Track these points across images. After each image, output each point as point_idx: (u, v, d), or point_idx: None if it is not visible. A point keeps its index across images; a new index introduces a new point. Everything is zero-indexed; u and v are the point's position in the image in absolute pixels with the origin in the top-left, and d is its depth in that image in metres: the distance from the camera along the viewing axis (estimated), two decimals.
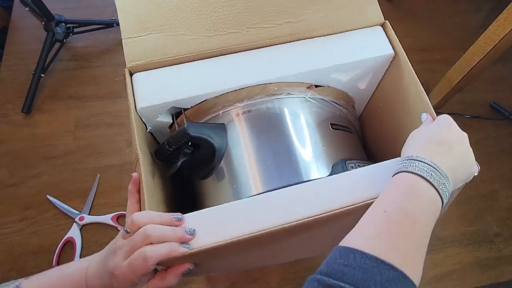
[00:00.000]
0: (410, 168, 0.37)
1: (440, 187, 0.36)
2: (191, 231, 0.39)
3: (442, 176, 0.37)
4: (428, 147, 0.39)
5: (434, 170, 0.36)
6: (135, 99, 0.47)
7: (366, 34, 0.53)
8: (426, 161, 0.37)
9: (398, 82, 0.53)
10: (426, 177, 0.36)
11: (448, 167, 0.38)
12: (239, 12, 0.50)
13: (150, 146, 0.50)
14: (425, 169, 0.36)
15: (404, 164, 0.38)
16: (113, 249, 0.39)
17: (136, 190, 0.43)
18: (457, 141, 0.40)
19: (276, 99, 0.52)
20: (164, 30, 0.49)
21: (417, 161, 0.37)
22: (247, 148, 0.49)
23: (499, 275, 0.73)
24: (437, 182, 0.36)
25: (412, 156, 0.38)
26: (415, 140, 0.42)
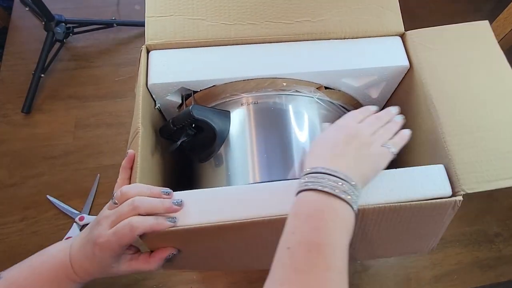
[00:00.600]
0: (307, 184, 0.35)
1: (343, 195, 0.34)
2: (179, 202, 0.40)
3: (343, 181, 0.34)
4: (323, 153, 0.38)
5: (332, 177, 0.34)
6: (148, 75, 0.49)
7: (384, 43, 0.53)
8: (322, 170, 0.35)
9: (410, 96, 0.53)
10: (324, 189, 0.34)
11: (348, 166, 0.36)
12: (260, 5, 0.52)
13: (154, 122, 0.51)
14: (322, 180, 0.34)
15: (301, 180, 0.36)
16: (98, 219, 0.40)
17: (129, 167, 0.44)
18: (351, 135, 0.39)
19: (284, 94, 0.52)
20: (186, 13, 0.51)
21: (312, 174, 0.35)
22: (247, 138, 0.50)
23: (499, 275, 0.74)
24: (338, 189, 0.34)
25: (308, 168, 0.36)
26: (310, 150, 0.41)
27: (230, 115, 0.52)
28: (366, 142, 0.40)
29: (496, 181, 0.43)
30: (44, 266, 0.41)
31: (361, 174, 0.37)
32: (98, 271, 0.41)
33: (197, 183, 0.55)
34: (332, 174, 0.35)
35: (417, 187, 0.42)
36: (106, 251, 0.38)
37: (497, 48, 0.51)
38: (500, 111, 0.47)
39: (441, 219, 0.44)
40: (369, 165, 0.39)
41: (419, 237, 0.46)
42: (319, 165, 0.36)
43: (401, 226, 0.43)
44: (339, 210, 0.34)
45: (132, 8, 1.03)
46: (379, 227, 0.43)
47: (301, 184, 0.36)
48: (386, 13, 0.54)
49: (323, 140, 0.41)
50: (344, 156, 0.38)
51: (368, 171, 0.39)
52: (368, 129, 0.41)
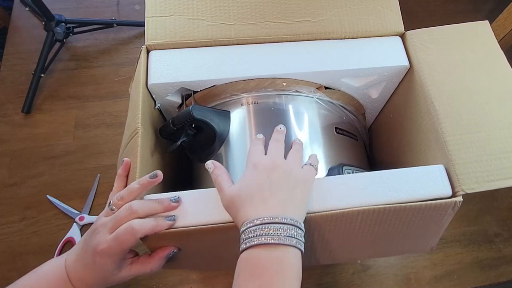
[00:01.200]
0: (245, 243, 0.34)
1: (285, 240, 0.33)
2: (176, 199, 0.40)
3: (283, 224, 0.34)
4: (252, 202, 0.36)
5: (270, 225, 0.34)
6: (148, 75, 0.49)
7: (384, 43, 0.53)
8: (257, 222, 0.34)
9: (410, 96, 0.53)
10: (264, 242, 0.33)
11: (282, 205, 0.35)
12: (260, 5, 0.52)
13: (154, 122, 0.51)
14: (260, 232, 0.33)
15: (242, 239, 0.35)
16: (94, 228, 0.39)
17: (125, 175, 0.43)
18: (269, 168, 0.38)
19: (284, 94, 0.52)
20: (186, 13, 0.51)
21: (249, 228, 0.34)
22: (247, 138, 0.50)
23: (499, 275, 0.74)
24: (278, 237, 0.33)
25: (243, 225, 0.35)
26: (238, 203, 0.38)
27: (230, 115, 0.52)
28: (286, 168, 0.39)
29: (496, 181, 0.43)
30: (40, 284, 0.39)
31: (297, 205, 0.36)
32: (98, 281, 0.39)
33: (197, 183, 0.55)
34: (268, 222, 0.34)
35: (417, 187, 0.42)
36: (107, 258, 0.37)
37: (497, 48, 0.51)
38: (500, 111, 0.47)
39: (441, 219, 0.44)
40: (300, 189, 0.38)
41: (419, 237, 0.47)
42: (253, 217, 0.35)
43: (401, 227, 0.44)
44: (284, 257, 0.33)
45: (132, 8, 1.03)
46: (379, 228, 0.43)
47: (241, 244, 0.35)
48: (386, 13, 0.54)
49: (245, 187, 0.38)
50: (274, 195, 0.36)
51: (302, 197, 0.38)
52: (279, 156, 0.41)
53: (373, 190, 0.42)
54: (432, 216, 0.43)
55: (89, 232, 0.40)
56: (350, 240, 0.45)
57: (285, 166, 0.39)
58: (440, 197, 0.42)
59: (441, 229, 0.45)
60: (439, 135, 0.46)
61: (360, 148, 0.60)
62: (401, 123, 0.57)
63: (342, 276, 0.71)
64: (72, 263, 0.40)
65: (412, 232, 0.45)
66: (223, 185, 0.40)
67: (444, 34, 0.52)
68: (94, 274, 0.39)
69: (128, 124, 0.48)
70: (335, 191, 0.42)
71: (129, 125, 0.48)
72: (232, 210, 0.38)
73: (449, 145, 0.45)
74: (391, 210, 0.41)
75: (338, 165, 0.50)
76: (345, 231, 0.43)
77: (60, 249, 0.72)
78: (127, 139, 0.47)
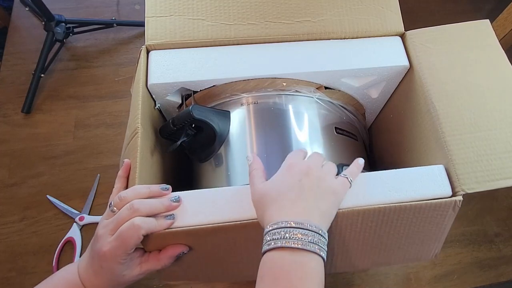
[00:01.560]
0: (269, 244, 0.34)
1: (309, 247, 0.33)
2: (176, 199, 0.40)
3: (307, 231, 0.34)
4: (280, 203, 0.36)
5: (294, 229, 0.33)
6: (148, 75, 0.49)
7: (384, 43, 0.53)
8: (283, 225, 0.34)
9: (410, 96, 0.53)
10: (288, 245, 0.33)
11: (309, 211, 0.35)
12: (260, 5, 0.52)
13: (154, 122, 0.51)
14: (285, 235, 0.33)
15: (266, 239, 0.35)
16: (97, 231, 0.39)
17: (125, 176, 0.43)
18: (303, 172, 0.38)
19: (283, 94, 0.52)
20: (186, 13, 0.51)
21: (274, 230, 0.34)
22: (247, 138, 0.50)
23: (499, 275, 0.74)
24: (302, 242, 0.33)
25: (268, 225, 0.35)
26: (267, 201, 0.37)
27: (230, 115, 0.52)
28: (320, 175, 0.39)
29: (496, 181, 0.43)
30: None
31: (323, 214, 0.36)
32: (111, 284, 0.39)
33: (197, 183, 0.55)
34: (294, 227, 0.34)
35: (417, 187, 0.42)
36: (112, 260, 0.37)
37: (498, 47, 0.51)
38: (500, 110, 0.47)
39: (442, 221, 0.44)
40: (329, 199, 0.38)
41: (421, 242, 0.46)
42: (279, 219, 0.35)
43: (403, 229, 0.43)
44: (307, 264, 0.33)
45: (132, 8, 1.03)
46: (380, 231, 0.43)
47: (264, 244, 0.35)
48: (386, 13, 0.54)
49: (276, 187, 0.38)
50: (303, 200, 0.36)
51: (329, 207, 0.37)
52: (316, 163, 0.40)
53: (373, 190, 0.42)
54: (433, 217, 0.43)
55: (93, 238, 0.39)
56: (352, 245, 0.44)
57: (319, 173, 0.39)
58: (440, 197, 0.42)
59: (443, 233, 0.45)
60: (439, 135, 0.46)
61: (360, 148, 0.60)
62: (401, 123, 0.57)
63: (342, 276, 0.71)
64: (84, 270, 0.40)
65: (414, 235, 0.45)
66: (256, 180, 0.40)
67: (444, 33, 0.52)
68: (104, 278, 0.38)
69: (129, 124, 0.48)
70: None
71: (129, 125, 0.48)
72: (259, 207, 0.38)
73: (449, 145, 0.45)
74: (391, 210, 0.41)
75: (338, 165, 0.50)
76: (346, 234, 0.43)
77: (60, 249, 0.72)
78: (128, 139, 0.47)
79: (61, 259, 0.72)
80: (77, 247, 0.72)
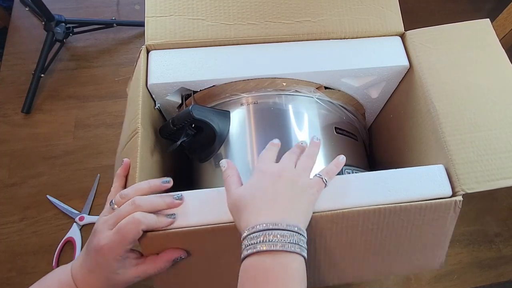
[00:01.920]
0: (247, 249, 0.33)
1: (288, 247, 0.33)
2: (179, 196, 0.40)
3: (285, 231, 0.33)
4: (255, 207, 0.36)
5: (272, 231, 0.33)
6: (148, 75, 0.49)
7: (383, 43, 0.53)
8: (260, 228, 0.33)
9: (410, 96, 0.53)
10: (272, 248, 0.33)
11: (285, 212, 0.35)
12: (260, 5, 0.52)
13: (154, 122, 0.51)
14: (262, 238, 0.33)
15: (244, 245, 0.34)
16: (95, 228, 0.38)
17: (124, 175, 0.43)
18: (276, 175, 0.38)
19: (283, 94, 0.52)
20: (186, 13, 0.51)
21: (251, 235, 0.34)
22: (247, 138, 0.50)
23: (499, 275, 0.73)
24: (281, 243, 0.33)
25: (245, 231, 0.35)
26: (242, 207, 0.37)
27: (230, 115, 0.52)
28: (293, 176, 0.38)
29: (496, 181, 0.43)
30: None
31: (300, 212, 0.36)
32: (105, 283, 0.38)
33: (197, 183, 0.55)
34: (272, 228, 0.33)
35: (417, 187, 0.42)
36: (109, 254, 0.36)
37: (498, 46, 0.51)
38: (501, 110, 0.47)
39: (444, 224, 0.43)
40: (303, 199, 0.38)
41: (424, 248, 0.46)
42: (256, 222, 0.34)
43: (404, 232, 0.43)
44: (290, 265, 0.33)
45: (132, 8, 1.03)
46: (381, 234, 0.43)
47: (243, 250, 0.34)
48: (386, 13, 0.54)
49: (250, 191, 0.38)
50: (278, 202, 0.36)
51: (305, 207, 0.37)
52: (288, 163, 0.40)
53: (373, 190, 0.42)
54: (434, 220, 0.43)
55: (91, 235, 0.39)
56: (354, 250, 0.44)
57: (292, 174, 0.39)
58: (440, 197, 0.42)
59: (446, 238, 0.45)
60: (439, 135, 0.46)
61: (360, 148, 0.60)
62: (401, 123, 0.57)
63: None
64: (77, 269, 0.39)
65: (417, 240, 0.44)
66: (231, 186, 0.39)
67: (444, 33, 0.52)
68: (99, 276, 0.38)
69: (127, 124, 0.48)
70: (335, 191, 0.42)
71: (128, 125, 0.48)
72: (235, 213, 0.38)
73: (449, 145, 0.45)
74: (392, 210, 0.41)
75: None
76: (347, 237, 0.42)
77: (60, 249, 0.72)
78: (126, 139, 0.46)
79: (61, 259, 0.72)
80: (77, 247, 0.72)
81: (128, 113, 0.49)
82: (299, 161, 0.41)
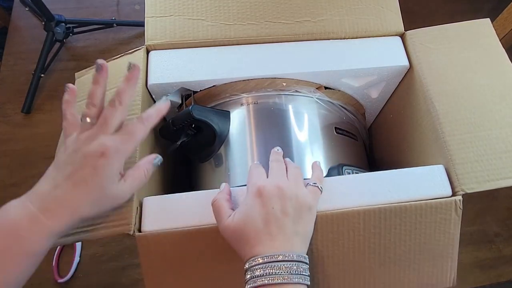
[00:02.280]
0: (258, 281, 0.32)
1: (294, 278, 0.32)
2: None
3: (290, 262, 0.33)
4: (259, 240, 0.34)
5: (276, 263, 0.32)
6: (148, 75, 0.49)
7: (384, 43, 0.53)
8: (263, 260, 0.33)
9: (410, 96, 0.53)
10: (277, 281, 0.32)
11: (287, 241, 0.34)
12: (260, 5, 0.52)
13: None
14: (271, 272, 0.32)
15: (247, 277, 0.33)
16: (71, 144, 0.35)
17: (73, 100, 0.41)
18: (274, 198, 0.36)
19: (283, 95, 0.52)
20: (186, 14, 0.51)
21: (257, 266, 0.33)
22: (247, 138, 0.50)
23: (499, 275, 0.73)
24: (289, 276, 0.32)
25: (247, 263, 0.34)
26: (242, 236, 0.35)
27: (230, 115, 0.52)
28: (290, 195, 0.37)
29: (496, 181, 0.43)
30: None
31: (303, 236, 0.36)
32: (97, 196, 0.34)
33: (197, 183, 0.55)
34: (277, 261, 0.33)
35: (417, 187, 0.42)
36: (115, 156, 0.34)
37: (498, 46, 0.51)
38: (500, 109, 0.47)
39: (448, 228, 0.43)
40: (305, 218, 0.37)
41: (432, 258, 0.44)
42: (260, 254, 0.33)
43: (408, 237, 0.42)
44: None
45: (132, 8, 1.03)
46: (384, 239, 0.42)
47: (247, 283, 0.33)
48: (386, 13, 0.54)
49: (249, 222, 0.35)
50: (280, 229, 0.35)
51: (307, 226, 0.37)
52: (281, 178, 0.38)
53: (373, 190, 0.42)
54: (437, 222, 0.42)
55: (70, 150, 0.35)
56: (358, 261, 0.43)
57: (290, 191, 0.37)
58: (440, 197, 0.42)
59: (453, 246, 0.43)
60: (439, 135, 0.46)
61: (360, 148, 0.60)
62: (401, 123, 0.57)
63: None
64: (48, 191, 0.33)
65: (423, 247, 0.43)
66: (222, 215, 0.37)
67: (444, 33, 0.52)
68: (91, 188, 0.33)
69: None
70: (335, 191, 0.42)
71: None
72: (234, 244, 0.36)
73: (449, 145, 0.45)
74: (392, 210, 0.41)
75: (338, 165, 0.50)
76: (349, 240, 0.42)
77: (60, 249, 0.72)
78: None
79: (61, 259, 0.72)
80: (77, 247, 0.72)
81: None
82: (288, 172, 0.40)
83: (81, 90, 0.49)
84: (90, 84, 0.38)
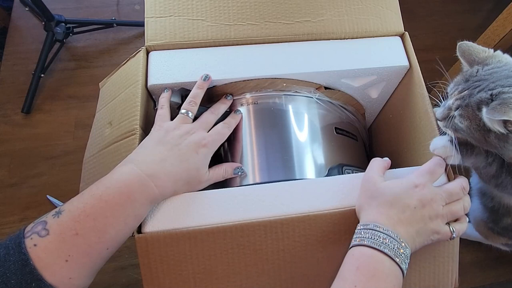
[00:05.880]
0: (370, 241, 0.35)
1: (402, 263, 0.34)
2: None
3: (404, 247, 0.35)
4: (391, 213, 0.37)
5: (396, 242, 0.35)
6: (147, 76, 0.49)
7: (383, 43, 0.53)
8: (388, 233, 0.35)
9: (409, 96, 0.53)
10: (389, 253, 0.34)
11: (408, 235, 0.36)
12: (260, 5, 0.52)
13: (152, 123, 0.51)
14: (387, 243, 0.34)
15: (364, 234, 0.36)
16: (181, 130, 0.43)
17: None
18: (424, 202, 0.38)
19: (283, 95, 0.52)
20: (186, 14, 0.51)
21: (378, 232, 0.35)
22: (247, 138, 0.50)
23: (499, 275, 0.74)
24: (399, 257, 0.34)
25: (371, 223, 0.36)
26: (376, 200, 0.38)
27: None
28: (432, 215, 0.38)
29: None
30: (110, 192, 0.36)
31: (414, 245, 0.37)
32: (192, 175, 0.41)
33: None
34: (399, 241, 0.35)
35: None
36: (210, 148, 0.43)
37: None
38: None
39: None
40: (425, 239, 0.38)
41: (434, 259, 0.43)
42: (383, 224, 0.36)
43: None
44: (398, 277, 0.35)
45: (132, 8, 1.03)
46: None
47: (360, 237, 0.36)
48: (386, 13, 0.54)
49: (394, 197, 0.38)
50: (409, 225, 0.37)
51: (420, 244, 0.38)
52: (440, 199, 0.39)
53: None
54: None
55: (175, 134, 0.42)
56: None
57: (434, 212, 0.38)
58: None
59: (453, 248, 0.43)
60: (437, 135, 0.46)
61: (360, 148, 0.60)
62: (400, 123, 0.57)
63: None
64: (155, 165, 0.39)
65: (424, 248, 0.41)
66: (376, 171, 0.41)
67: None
68: (191, 167, 0.41)
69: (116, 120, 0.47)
70: (335, 191, 0.42)
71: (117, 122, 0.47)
72: (367, 200, 0.39)
73: None
74: None
75: (338, 165, 0.50)
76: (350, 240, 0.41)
77: None
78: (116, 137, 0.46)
79: None
80: None
81: (112, 112, 0.49)
82: (450, 206, 0.39)
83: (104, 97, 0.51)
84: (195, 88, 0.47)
